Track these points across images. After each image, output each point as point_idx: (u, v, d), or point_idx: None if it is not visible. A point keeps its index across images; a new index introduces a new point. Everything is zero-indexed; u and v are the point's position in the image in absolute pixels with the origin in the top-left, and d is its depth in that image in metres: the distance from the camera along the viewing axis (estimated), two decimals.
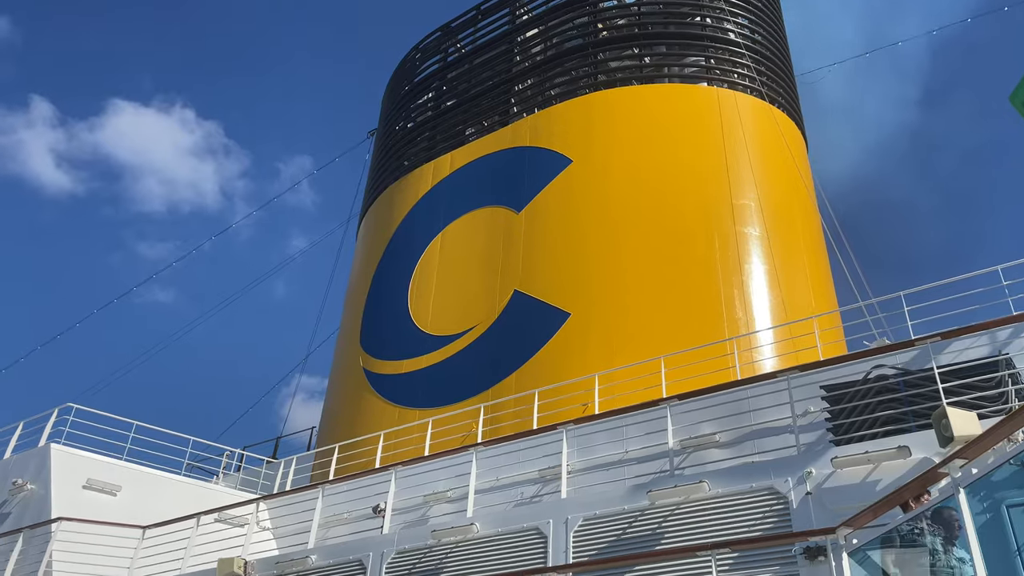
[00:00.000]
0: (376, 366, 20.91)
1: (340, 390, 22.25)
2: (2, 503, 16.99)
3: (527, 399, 15.89)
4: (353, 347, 22.14)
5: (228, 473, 21.21)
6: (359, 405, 20.62)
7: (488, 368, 18.45)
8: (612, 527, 9.77)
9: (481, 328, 19.27)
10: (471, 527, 10.77)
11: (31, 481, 16.64)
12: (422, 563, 10.96)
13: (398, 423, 18.33)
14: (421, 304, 20.96)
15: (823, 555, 7.56)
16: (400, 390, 19.96)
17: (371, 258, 23.81)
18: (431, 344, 19.95)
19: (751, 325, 17.10)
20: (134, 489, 16.74)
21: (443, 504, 13.71)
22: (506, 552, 10.36)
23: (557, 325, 18.05)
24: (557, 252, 19.29)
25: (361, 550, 11.55)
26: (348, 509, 14.29)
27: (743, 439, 11.12)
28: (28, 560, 14.33)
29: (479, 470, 12.58)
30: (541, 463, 12.89)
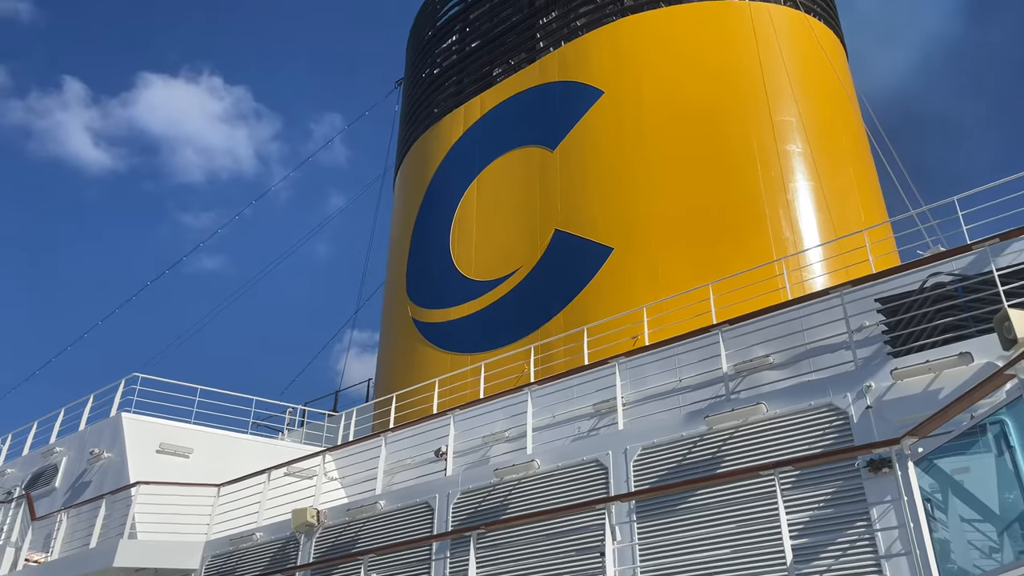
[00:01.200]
0: (424, 315, 21.14)
1: (392, 341, 22.60)
2: (82, 472, 17.82)
3: (576, 336, 15.94)
4: (400, 298, 22.39)
5: (292, 429, 21.88)
6: (411, 355, 20.94)
7: (535, 309, 18.52)
8: (671, 454, 9.84)
9: (525, 270, 19.28)
10: (531, 464, 10.96)
11: (107, 450, 17.40)
12: (486, 501, 11.22)
13: (451, 369, 18.59)
14: (463, 250, 21.02)
15: (887, 467, 7.52)
16: (450, 337, 20.20)
17: (410, 209, 23.86)
18: (476, 289, 20.06)
19: (799, 244, 16.78)
20: (205, 451, 17.40)
21: (502, 444, 13.96)
22: (567, 485, 10.54)
23: (600, 261, 17.96)
24: (595, 187, 19.07)
25: (427, 493, 11.86)
26: (411, 455, 14.65)
27: (798, 359, 11.02)
28: (112, 524, 15.08)
29: (535, 408, 12.73)
30: (595, 397, 12.99)
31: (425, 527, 11.52)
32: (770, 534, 7.93)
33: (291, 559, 12.56)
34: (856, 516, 7.81)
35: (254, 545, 13.23)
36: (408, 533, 11.56)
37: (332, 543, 12.40)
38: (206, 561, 13.75)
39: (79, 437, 18.62)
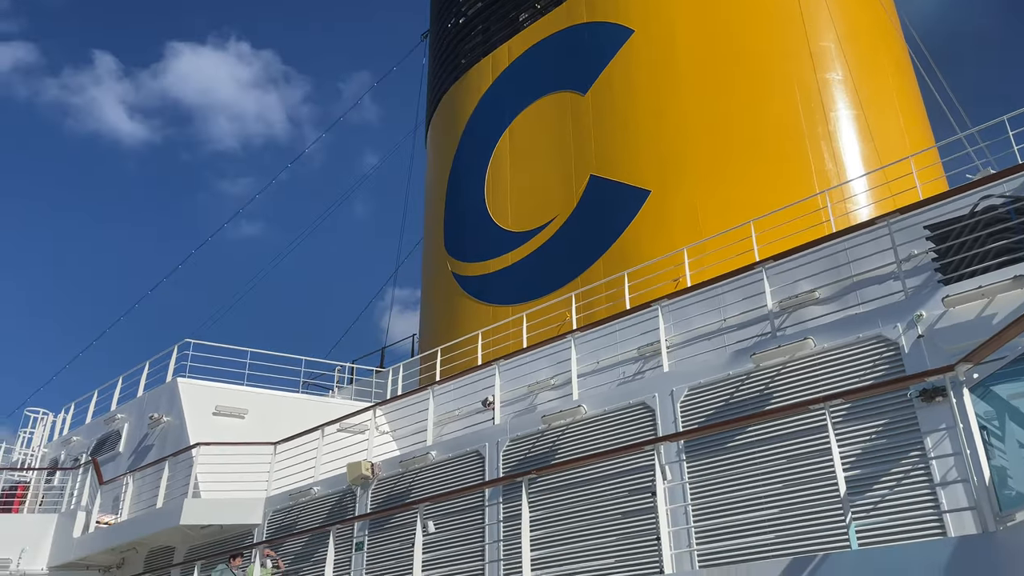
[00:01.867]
0: (464, 269, 21.22)
1: (433, 297, 22.78)
2: (144, 436, 18.47)
3: (617, 282, 15.86)
4: (439, 253, 22.47)
5: (342, 386, 22.31)
6: (453, 309, 21.10)
7: (574, 257, 18.45)
8: (718, 394, 9.81)
9: (561, 218, 19.16)
10: (578, 409, 11.04)
11: (166, 414, 17.98)
12: (535, 447, 11.37)
13: (493, 321, 18.70)
14: (498, 202, 20.94)
15: (941, 395, 7.40)
16: (490, 289, 20.27)
17: (443, 163, 23.79)
18: (514, 241, 20.03)
19: (842, 176, 16.35)
20: (259, 411, 17.87)
21: (548, 392, 14.07)
22: (614, 429, 10.61)
23: (638, 204, 17.75)
24: (629, 129, 18.75)
25: (477, 441, 12.05)
26: (458, 406, 14.86)
27: (845, 292, 10.83)
28: (176, 484, 15.66)
29: (579, 355, 12.77)
30: (639, 341, 12.97)
31: (476, 475, 11.74)
32: (822, 467, 7.90)
33: (349, 510, 12.93)
34: (910, 446, 7.73)
35: (312, 499, 13.63)
36: (460, 481, 11.80)
37: (387, 494, 12.72)
38: (268, 516, 14.22)
39: (138, 403, 19.27)
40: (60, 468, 20.25)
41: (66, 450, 21.09)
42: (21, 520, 18.25)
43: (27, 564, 17.21)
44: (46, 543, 17.52)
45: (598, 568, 9.38)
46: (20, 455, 22.18)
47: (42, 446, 22.31)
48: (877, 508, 7.57)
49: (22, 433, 22.59)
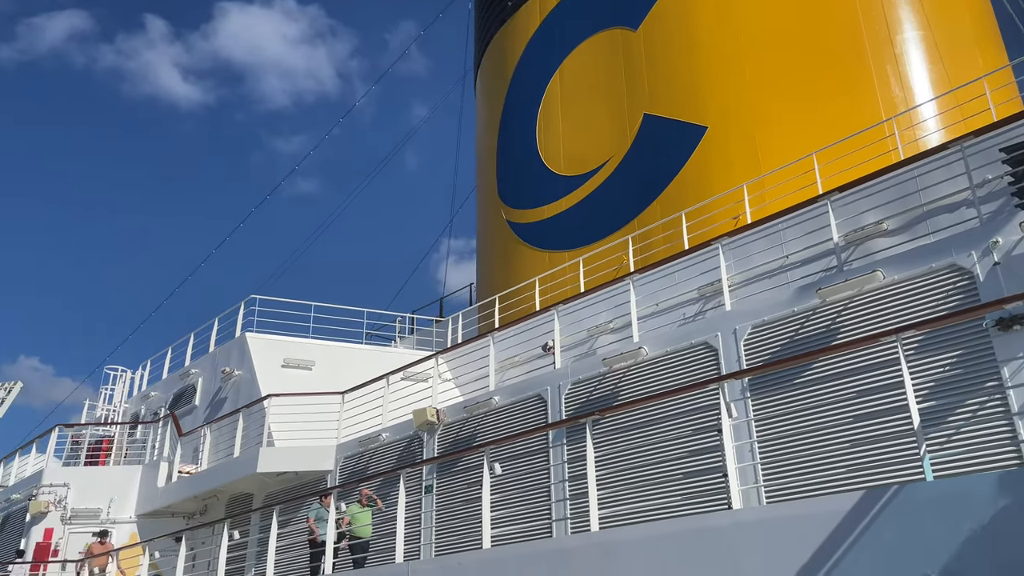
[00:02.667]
0: (518, 216, 21.17)
1: (489, 245, 22.83)
2: (217, 390, 19.18)
3: (674, 223, 15.63)
4: (493, 201, 22.44)
5: (403, 337, 22.72)
6: (509, 256, 21.13)
7: (629, 199, 18.20)
8: (782, 331, 9.66)
9: (616, 159, 18.87)
10: (639, 351, 11.02)
11: (237, 368, 18.61)
12: (597, 390, 11.42)
13: (549, 267, 18.68)
14: (551, 147, 20.71)
15: (1019, 323, 7.15)
16: (545, 235, 20.20)
17: (493, 110, 23.57)
18: (568, 185, 19.84)
19: (910, 101, 15.65)
20: (325, 362, 18.36)
21: (607, 335, 14.06)
22: (676, 369, 10.58)
23: (694, 142, 17.34)
24: (683, 64, 18.22)
25: (539, 385, 12.17)
26: (518, 352, 14.99)
27: (915, 221, 10.45)
28: (251, 434, 16.28)
29: (637, 297, 12.70)
30: (699, 281, 12.81)
31: (539, 418, 11.88)
32: (894, 400, 7.75)
33: (416, 455, 13.27)
34: (986, 376, 7.51)
35: (381, 445, 14.02)
36: (524, 424, 11.97)
37: (453, 438, 13.00)
38: (339, 462, 14.71)
39: (210, 358, 19.98)
40: (141, 422, 21.24)
41: (145, 405, 22.08)
42: (108, 472, 19.29)
43: (116, 513, 18.23)
44: (132, 493, 18.52)
45: (665, 504, 9.46)
46: (103, 411, 23.33)
47: (123, 402, 23.40)
48: (952, 439, 7.42)
49: (103, 390, 23.73)
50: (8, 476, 21.65)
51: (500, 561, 8.25)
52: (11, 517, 19.41)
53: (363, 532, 11.73)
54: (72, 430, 21.21)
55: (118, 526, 17.91)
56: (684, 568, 6.48)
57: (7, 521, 19.63)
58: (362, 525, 11.75)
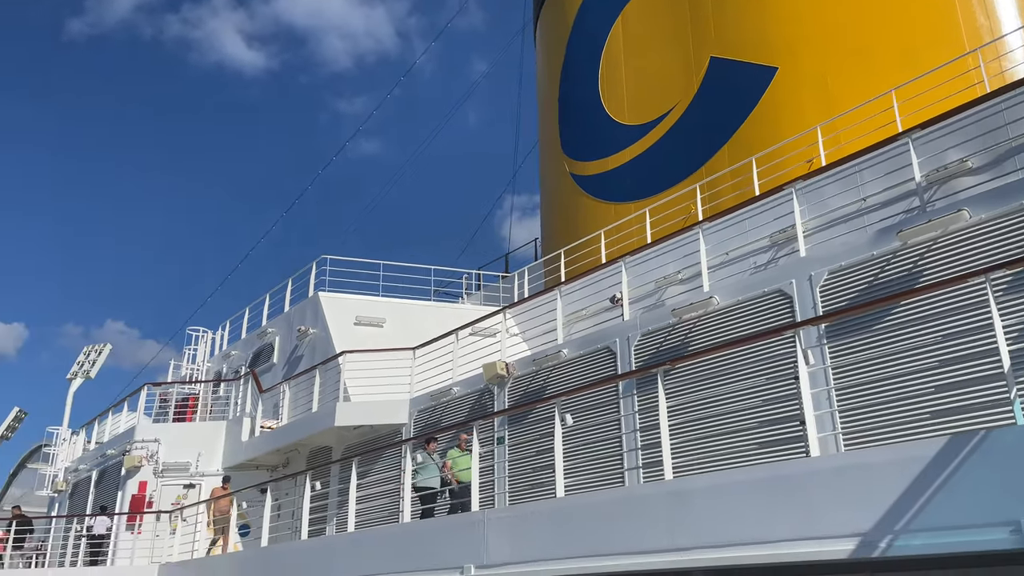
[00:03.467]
0: (582, 168, 20.94)
1: (553, 199, 22.70)
2: (294, 348, 19.78)
3: (744, 169, 15.22)
4: (556, 155, 22.23)
5: (470, 293, 22.92)
6: (574, 209, 20.97)
7: (696, 146, 17.78)
8: (861, 275, 9.37)
9: (682, 106, 18.40)
10: (710, 301, 10.86)
11: (311, 326, 19.13)
12: (667, 341, 11.34)
13: (615, 219, 18.47)
14: (614, 96, 20.31)
15: None
16: (610, 187, 19.95)
17: (554, 61, 23.19)
18: (632, 135, 19.48)
19: (996, 30, 14.72)
20: (396, 319, 18.71)
21: (676, 286, 13.89)
22: (749, 318, 10.39)
23: (764, 84, 16.74)
24: (750, 2, 17.50)
25: (607, 337, 12.15)
26: (586, 305, 14.96)
27: (1002, 158, 9.91)
28: (327, 390, 16.78)
29: (707, 246, 12.47)
30: (771, 228, 12.49)
31: (608, 369, 11.89)
32: (981, 342, 7.45)
33: (488, 407, 13.47)
34: None
35: (453, 398, 14.28)
36: (593, 376, 11.99)
37: (523, 391, 13.13)
38: (413, 416, 15.05)
39: (286, 317, 20.58)
40: (224, 380, 22.11)
41: (227, 363, 22.96)
42: (195, 428, 20.20)
43: (204, 466, 19.13)
44: (219, 447, 19.37)
45: (739, 452, 9.40)
46: (187, 370, 24.38)
47: (205, 361, 24.38)
48: None
49: (187, 350, 24.76)
50: (103, 433, 22.91)
51: (573, 509, 8.36)
52: (107, 471, 20.59)
53: (464, 476, 11.54)
54: (160, 389, 22.24)
55: (206, 479, 18.81)
56: (760, 516, 6.44)
57: (104, 475, 20.83)
58: (462, 469, 11.62)
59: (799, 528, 6.10)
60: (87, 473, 21.93)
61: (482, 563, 8.81)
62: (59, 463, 25.60)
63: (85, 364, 31.75)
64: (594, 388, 11.21)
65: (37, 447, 34.11)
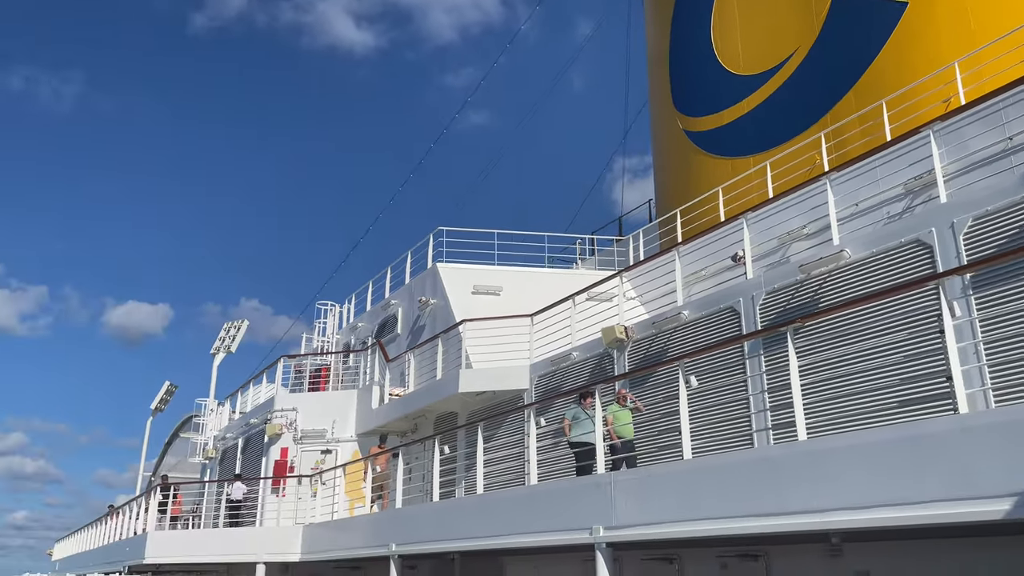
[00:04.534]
0: (695, 124, 20.30)
1: (666, 158, 22.17)
2: (416, 318, 20.38)
3: (873, 113, 14.34)
4: (668, 112, 21.65)
5: (584, 258, 22.83)
6: (688, 167, 20.42)
7: (819, 92, 16.86)
8: (1008, 221, 8.67)
9: (802, 51, 17.45)
10: (841, 255, 10.35)
11: (431, 296, 19.63)
12: (794, 299, 10.91)
13: (732, 175, 17.86)
14: (728, 46, 19.50)
15: None
16: (726, 142, 19.27)
17: (663, 15, 22.47)
18: (749, 85, 18.68)
19: None
20: (512, 287, 18.91)
21: (801, 241, 13.33)
22: (885, 271, 9.84)
23: (893, 21, 15.62)
24: None
25: (730, 297, 11.82)
26: (705, 265, 14.60)
27: None
28: (450, 357, 17.21)
29: (836, 197, 11.85)
30: (905, 175, 11.74)
31: (732, 330, 11.58)
32: None
33: (608, 371, 13.44)
34: None
35: (573, 363, 14.33)
36: (715, 337, 11.72)
37: (644, 354, 13.01)
38: (534, 381, 15.23)
39: (407, 289, 21.21)
40: (352, 351, 23.10)
41: (354, 335, 23.95)
42: (329, 397, 21.23)
43: (339, 432, 20.12)
44: (351, 414, 20.30)
45: (877, 411, 8.98)
46: (318, 342, 25.62)
47: (334, 333, 25.54)
48: None
49: (317, 324, 26.00)
50: (245, 403, 24.48)
51: (703, 471, 8.24)
52: (252, 439, 22.02)
53: (624, 432, 11.23)
54: (294, 361, 23.49)
55: (341, 444, 19.79)
56: (907, 476, 6.13)
57: (249, 442, 22.30)
58: (622, 424, 11.25)
59: (951, 488, 5.77)
60: (233, 441, 23.55)
61: (610, 524, 8.86)
62: (208, 432, 27.61)
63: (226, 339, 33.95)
64: (719, 349, 10.96)
65: (188, 418, 36.92)
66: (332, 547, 15.99)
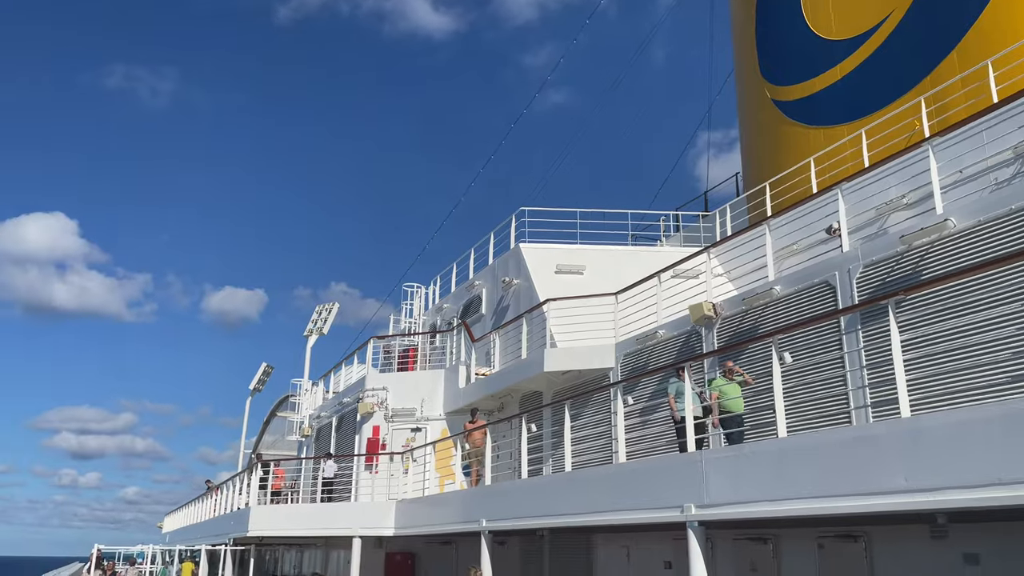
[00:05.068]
0: (785, 93, 19.61)
1: (753, 130, 21.52)
2: (500, 298, 20.53)
3: (978, 75, 13.56)
4: (755, 82, 20.98)
5: (669, 235, 22.46)
6: (777, 138, 19.76)
7: (918, 55, 16.00)
8: None
9: (899, 11, 16.57)
10: (945, 224, 9.84)
11: (515, 277, 19.72)
12: (894, 272, 10.46)
13: (824, 145, 17.21)
14: (819, 10, 18.70)
15: None
16: (818, 110, 18.55)
17: None
18: (842, 50, 17.89)
19: None
20: (595, 266, 18.81)
21: (901, 211, 12.76)
22: (993, 240, 9.31)
23: None
24: None
25: (825, 271, 11.43)
26: (797, 239, 14.15)
27: None
28: (534, 337, 17.29)
29: (938, 164, 11.26)
30: (1015, 138, 11.08)
31: (827, 305, 11.20)
32: None
33: (696, 348, 13.23)
34: None
35: (659, 341, 14.17)
36: (809, 313, 11.36)
37: (733, 331, 12.74)
38: (620, 359, 15.14)
39: (490, 270, 21.38)
40: (438, 331, 23.49)
41: (440, 316, 24.34)
42: (417, 376, 21.69)
43: (428, 411, 20.55)
44: (439, 393, 20.68)
45: (988, 387, 8.54)
46: (406, 324, 26.15)
47: (421, 315, 26.01)
48: None
49: (404, 305, 26.53)
50: (338, 383, 25.27)
51: (799, 449, 8.02)
52: (345, 417, 22.73)
53: (733, 406, 10.75)
54: (383, 341, 24.06)
55: (431, 423, 20.20)
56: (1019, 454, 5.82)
57: (342, 421, 23.03)
58: (730, 398, 10.80)
59: None
60: (328, 419, 24.37)
61: (702, 503, 8.75)
62: (303, 411, 28.67)
63: (318, 322, 35.07)
64: (814, 324, 10.62)
65: (284, 397, 38.39)
66: (424, 522, 16.39)
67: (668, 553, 12.48)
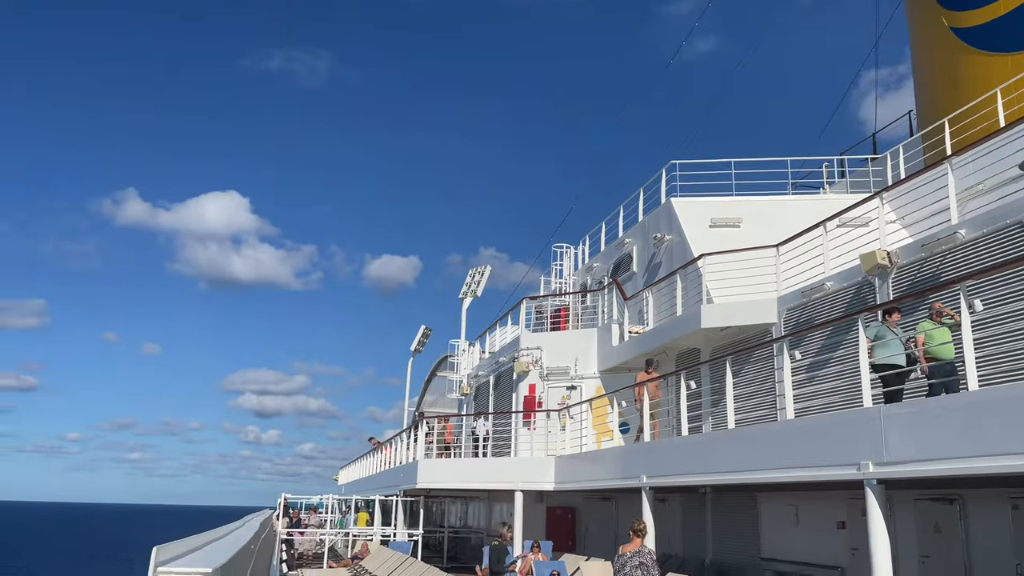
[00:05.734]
0: (964, 19, 17.80)
1: (928, 62, 19.73)
2: (651, 255, 20.22)
3: None
4: (928, 8, 19.16)
5: (833, 182, 21.16)
6: (956, 69, 18.02)
7: None
8: None
9: None
10: None
11: (667, 233, 19.33)
12: None
13: (1013, 73, 15.52)
14: None
15: None
16: (1004, 35, 16.73)
17: None
18: None
19: None
20: (753, 218, 18.06)
21: None
22: None
23: None
24: None
25: (1020, 211, 10.36)
26: (984, 178, 12.93)
27: None
28: (689, 293, 16.90)
29: None
30: None
31: (1020, 248, 10.17)
32: None
33: (868, 300, 12.45)
34: None
35: (826, 294, 13.45)
36: (1002, 256, 10.37)
37: (911, 280, 11.88)
38: (782, 314, 14.52)
39: (641, 227, 21.06)
40: (590, 291, 23.52)
41: (590, 275, 24.34)
42: (570, 336, 21.86)
43: (582, 369, 20.70)
44: (592, 352, 20.76)
45: None
46: (556, 284, 26.36)
47: (571, 275, 26.12)
48: None
49: (554, 266, 26.72)
50: (493, 343, 25.94)
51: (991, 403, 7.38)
52: (502, 376, 23.35)
53: (942, 352, 9.62)
54: (535, 302, 24.39)
55: (585, 381, 20.35)
56: None
57: (499, 379, 23.67)
58: (939, 344, 9.61)
59: None
60: (485, 378, 25.13)
61: (881, 460, 8.30)
62: (462, 371, 29.70)
63: (472, 284, 36.07)
64: (1010, 267, 9.65)
65: (443, 358, 39.92)
66: (584, 477, 16.62)
67: (841, 513, 11.99)
